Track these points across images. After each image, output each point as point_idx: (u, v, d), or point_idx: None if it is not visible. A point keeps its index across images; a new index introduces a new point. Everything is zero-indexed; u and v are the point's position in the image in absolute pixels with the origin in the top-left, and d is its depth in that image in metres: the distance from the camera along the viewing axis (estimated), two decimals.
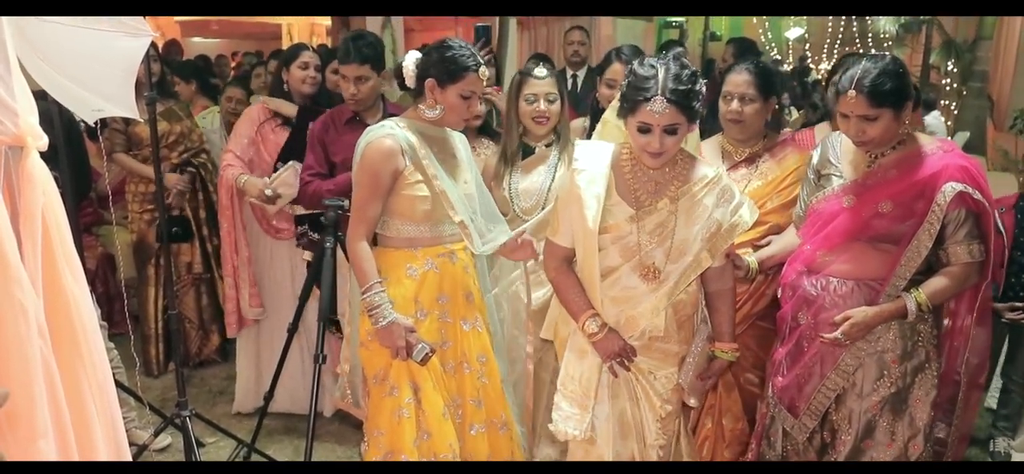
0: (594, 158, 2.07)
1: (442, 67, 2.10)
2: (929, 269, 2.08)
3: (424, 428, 2.15)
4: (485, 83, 2.17)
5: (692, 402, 2.15)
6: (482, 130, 2.96)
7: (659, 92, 1.87)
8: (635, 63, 1.95)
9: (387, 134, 2.11)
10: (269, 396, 3.02)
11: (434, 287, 2.19)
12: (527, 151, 2.66)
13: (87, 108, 2.14)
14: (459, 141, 2.30)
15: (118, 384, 2.74)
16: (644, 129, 1.92)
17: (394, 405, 2.15)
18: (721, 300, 2.13)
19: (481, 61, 2.14)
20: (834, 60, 9.69)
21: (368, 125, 2.68)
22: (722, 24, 10.38)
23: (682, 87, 1.87)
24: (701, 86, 1.93)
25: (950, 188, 1.96)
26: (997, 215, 2.99)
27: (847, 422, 2.15)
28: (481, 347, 2.29)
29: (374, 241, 2.22)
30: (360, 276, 2.12)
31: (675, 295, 2.04)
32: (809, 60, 10.87)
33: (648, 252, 2.01)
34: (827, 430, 2.20)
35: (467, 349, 2.26)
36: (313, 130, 2.89)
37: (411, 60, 2.16)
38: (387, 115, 2.70)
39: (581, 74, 4.50)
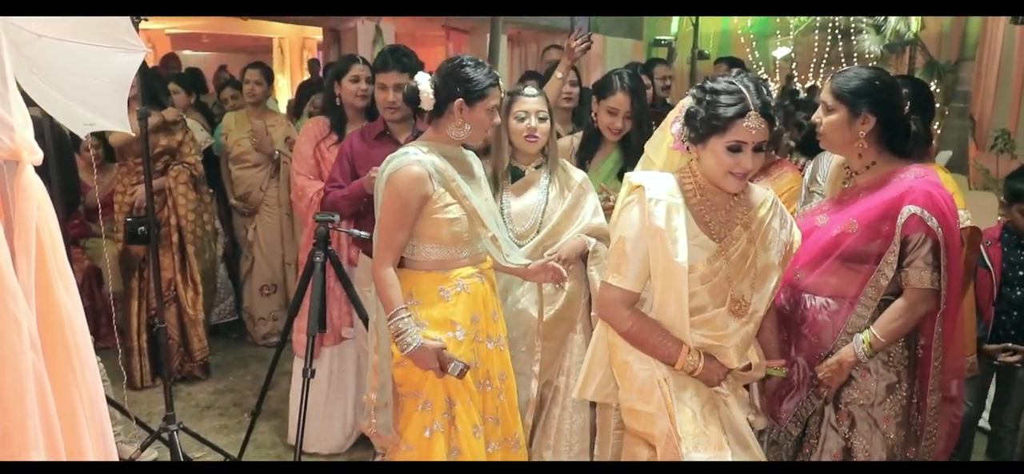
0: (665, 188, 1.92)
1: (469, 87, 2.10)
2: (900, 291, 2.06)
3: (454, 445, 2.15)
4: (501, 95, 2.19)
5: (760, 423, 2.12)
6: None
7: (752, 108, 1.80)
8: (708, 82, 1.89)
9: (414, 160, 2.09)
10: (257, 411, 3.02)
11: (467, 308, 2.18)
12: (515, 173, 2.62)
13: (79, 122, 2.15)
14: (474, 160, 2.30)
15: (106, 398, 2.74)
16: (736, 148, 1.83)
17: (425, 420, 2.15)
18: (766, 318, 2.08)
19: (497, 74, 2.17)
20: (820, 79, 9.82)
21: (398, 142, 2.71)
22: (710, 43, 10.49)
23: (769, 99, 1.83)
24: None
25: (907, 210, 1.97)
26: (983, 249, 2.83)
27: (817, 425, 2.16)
28: (502, 365, 2.30)
29: (400, 263, 2.20)
30: (386, 303, 2.11)
31: (759, 324, 1.99)
32: (796, 79, 11.00)
33: (737, 286, 1.92)
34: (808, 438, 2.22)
35: (490, 367, 2.26)
36: (342, 147, 2.90)
37: (427, 83, 2.12)
38: (417, 134, 2.70)
39: None
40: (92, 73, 2.05)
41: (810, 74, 11.11)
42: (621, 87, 2.72)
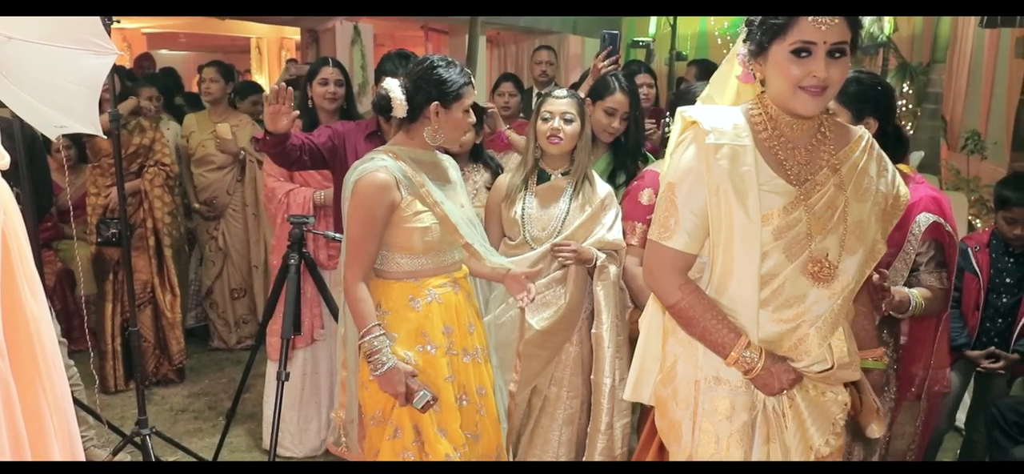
0: (728, 123, 1.54)
1: (443, 89, 2.02)
2: None
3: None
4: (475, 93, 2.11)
5: (875, 432, 1.72)
6: (474, 155, 2.87)
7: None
8: None
9: (379, 167, 2.00)
10: (231, 414, 3.01)
11: (439, 319, 2.09)
12: (541, 176, 2.56)
13: (50, 124, 2.13)
14: (450, 164, 2.22)
15: (77, 402, 2.72)
16: (802, 50, 1.44)
17: (398, 448, 2.07)
18: (859, 299, 1.71)
19: (469, 72, 2.08)
20: None
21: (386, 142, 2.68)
22: (687, 44, 10.59)
23: None
24: None
25: (924, 218, 1.99)
26: (972, 255, 2.84)
27: None
28: (479, 379, 2.19)
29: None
30: (358, 319, 2.02)
31: (850, 300, 1.58)
32: None
33: (819, 242, 1.52)
34: None
35: (466, 381, 2.15)
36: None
37: (398, 91, 2.04)
38: None
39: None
40: (63, 75, 2.04)
41: None
42: (620, 88, 2.71)
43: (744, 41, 1.58)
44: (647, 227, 2.40)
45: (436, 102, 2.03)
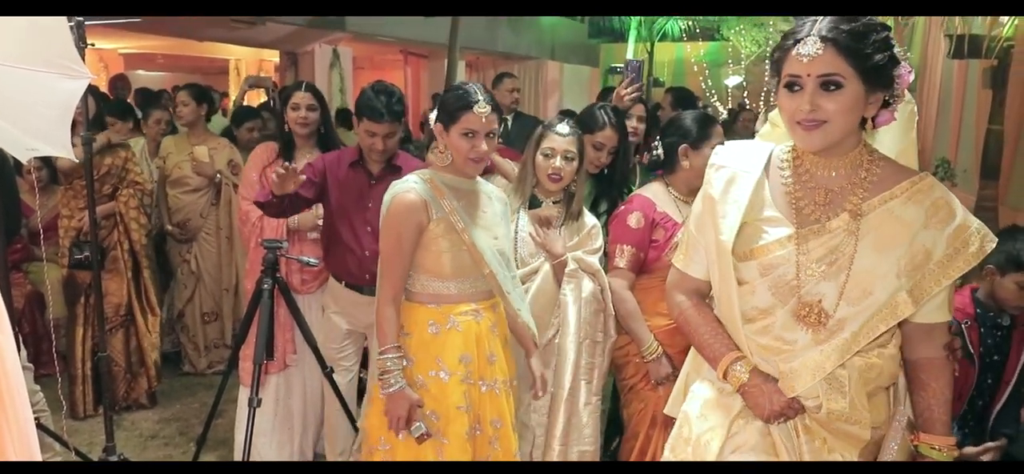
0: (741, 156, 1.59)
1: (443, 109, 2.04)
2: None
3: None
4: (484, 119, 2.01)
5: None
6: None
7: (812, 32, 1.41)
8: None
9: (410, 188, 2.04)
10: (201, 441, 2.97)
11: (456, 347, 2.07)
12: (533, 203, 2.55)
13: (21, 147, 2.11)
14: (494, 196, 2.21)
15: (43, 428, 2.67)
16: (792, 84, 1.43)
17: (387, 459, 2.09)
18: (930, 372, 1.53)
19: (480, 98, 2.00)
20: (771, 106, 10.16)
21: (370, 170, 2.68)
22: (664, 71, 10.77)
23: (848, 27, 1.39)
24: (887, 36, 1.44)
25: None
26: (965, 332, 2.43)
27: None
28: (496, 411, 2.13)
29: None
30: (380, 336, 2.05)
31: (853, 353, 1.46)
32: (748, 107, 11.34)
33: (812, 287, 1.48)
34: None
35: (481, 412, 2.12)
36: (315, 163, 2.84)
37: (434, 113, 2.12)
38: (390, 165, 2.69)
39: (510, 118, 4.79)
40: (35, 98, 2.03)
41: (761, 102, 11.42)
42: (609, 123, 2.70)
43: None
44: (635, 249, 2.45)
45: (439, 123, 2.07)
